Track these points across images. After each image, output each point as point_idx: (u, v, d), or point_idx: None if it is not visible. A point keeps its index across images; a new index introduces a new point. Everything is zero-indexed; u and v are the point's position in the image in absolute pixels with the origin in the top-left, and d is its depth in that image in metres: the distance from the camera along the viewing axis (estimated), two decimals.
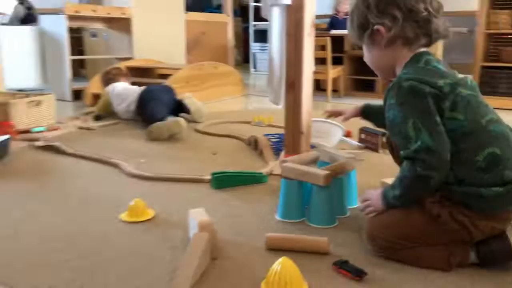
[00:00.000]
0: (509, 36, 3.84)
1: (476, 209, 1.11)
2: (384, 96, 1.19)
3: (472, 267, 1.18)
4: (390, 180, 1.75)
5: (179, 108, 2.98)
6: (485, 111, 1.14)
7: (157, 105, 2.77)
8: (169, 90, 3.08)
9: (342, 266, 1.17)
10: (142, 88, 3.00)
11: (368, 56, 1.28)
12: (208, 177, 1.86)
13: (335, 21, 5.35)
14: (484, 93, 3.83)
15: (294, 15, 1.81)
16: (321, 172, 1.41)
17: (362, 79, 4.62)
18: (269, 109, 3.85)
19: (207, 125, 2.98)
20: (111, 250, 1.30)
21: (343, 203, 1.54)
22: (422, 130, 1.07)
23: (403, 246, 1.18)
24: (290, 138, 1.91)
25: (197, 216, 1.30)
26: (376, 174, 1.92)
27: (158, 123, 2.57)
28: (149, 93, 2.91)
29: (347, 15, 5.94)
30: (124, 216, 1.51)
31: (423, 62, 1.16)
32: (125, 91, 3.06)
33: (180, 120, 2.60)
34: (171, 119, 2.61)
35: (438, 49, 4.54)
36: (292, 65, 1.85)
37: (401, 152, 1.12)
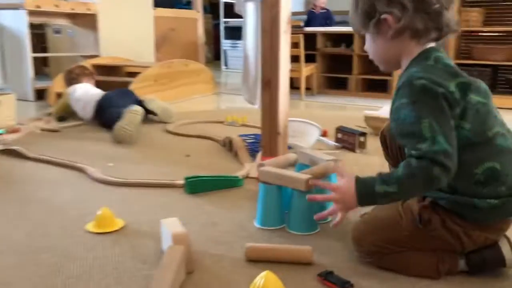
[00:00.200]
0: (480, 34, 3.87)
1: (470, 219, 1.06)
2: (393, 98, 1.11)
3: (461, 274, 1.12)
4: None
5: (144, 110, 2.83)
6: (493, 123, 1.06)
7: (115, 113, 2.63)
8: (128, 94, 2.95)
9: (327, 277, 1.10)
10: (102, 94, 2.86)
11: (371, 46, 1.16)
12: (181, 181, 1.76)
13: (312, 16, 5.28)
14: None
15: (269, 11, 1.73)
16: (302, 176, 1.33)
17: (335, 77, 4.59)
18: (242, 108, 3.76)
19: (178, 125, 2.87)
20: (76, 266, 1.18)
21: (325, 208, 1.46)
22: (438, 131, 0.98)
23: (391, 251, 1.12)
24: (266, 139, 1.83)
25: (170, 227, 1.21)
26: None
27: (118, 123, 2.43)
28: (107, 101, 2.77)
29: (324, 9, 5.88)
30: (90, 226, 1.40)
31: (432, 59, 1.07)
32: (84, 97, 2.90)
33: (133, 107, 2.48)
34: (125, 113, 2.47)
35: None
36: (268, 63, 1.77)
37: (412, 152, 1.00)
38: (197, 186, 1.71)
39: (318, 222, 1.40)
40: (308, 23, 5.16)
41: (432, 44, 1.10)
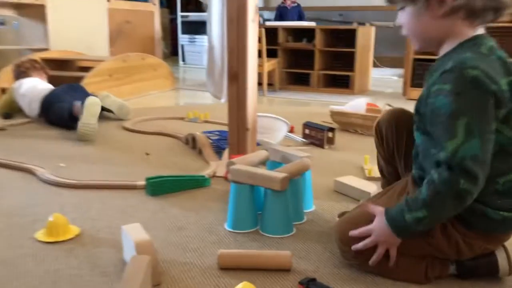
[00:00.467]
0: None
1: (476, 228, 0.98)
2: (430, 78, 0.98)
3: (450, 277, 1.06)
4: (346, 179, 1.64)
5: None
6: None
7: (62, 109, 2.44)
8: (77, 89, 2.76)
9: (310, 285, 1.01)
10: (50, 89, 2.66)
11: (411, 22, 1.00)
12: (142, 182, 1.62)
13: (283, 11, 5.15)
14: (416, 85, 3.85)
15: None
16: (277, 174, 1.23)
17: (296, 73, 4.52)
18: (203, 104, 3.64)
19: (135, 122, 2.71)
20: (23, 283, 1.03)
21: (300, 208, 1.38)
22: (474, 133, 0.86)
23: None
24: (234, 136, 1.72)
25: (133, 234, 1.07)
26: (326, 173, 1.78)
27: (80, 121, 2.25)
28: (54, 97, 2.58)
29: (294, 2, 5.75)
30: (41, 235, 1.25)
31: (487, 48, 0.93)
32: (30, 92, 2.68)
33: (89, 99, 2.31)
34: (84, 107, 2.29)
35: (371, 41, 4.57)
36: (235, 54, 1.66)
37: (440, 155, 0.89)
38: (160, 187, 1.58)
39: (293, 223, 1.31)
40: (279, 18, 5.04)
41: (482, 30, 0.98)
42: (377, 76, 5.04)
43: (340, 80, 4.49)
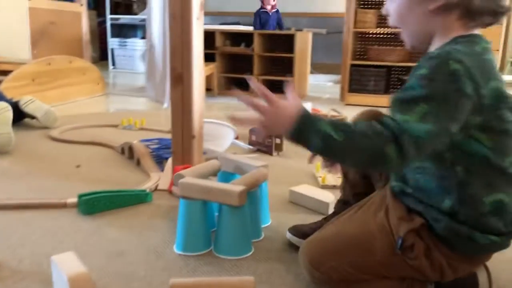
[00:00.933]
0: (375, 35, 3.96)
1: (461, 251, 0.89)
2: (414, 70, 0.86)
3: None
4: (300, 189, 1.52)
5: (17, 112, 2.36)
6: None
7: None
8: None
9: None
10: None
11: (402, 13, 0.91)
12: (74, 199, 1.41)
13: (264, 17, 4.77)
14: (354, 90, 3.85)
15: None
16: (235, 188, 1.09)
17: (235, 77, 4.40)
18: (137, 110, 3.41)
19: (63, 130, 2.45)
20: None
21: (257, 223, 1.24)
22: (428, 121, 0.76)
23: (357, 279, 0.92)
24: (178, 144, 1.56)
25: (64, 266, 0.89)
26: (278, 182, 1.66)
27: None
28: None
29: (274, 8, 5.34)
30: None
31: (481, 47, 0.85)
32: None
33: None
34: None
35: (308, 47, 4.56)
36: (178, 54, 1.50)
37: (385, 119, 0.79)
38: (94, 204, 1.38)
39: (250, 241, 1.17)
40: (260, 24, 4.70)
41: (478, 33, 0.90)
42: (312, 82, 5.04)
43: (279, 85, 4.43)
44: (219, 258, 1.12)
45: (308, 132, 0.81)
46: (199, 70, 1.52)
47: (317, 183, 1.70)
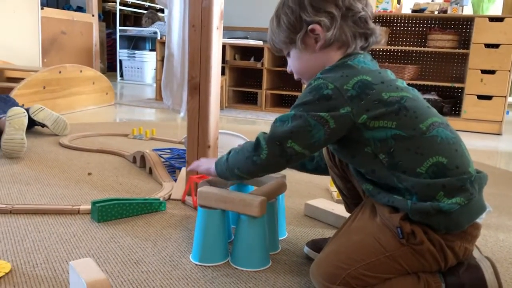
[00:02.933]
0: (386, 53, 3.97)
1: (442, 229, 0.89)
2: None
3: None
4: (316, 202, 1.50)
5: (28, 120, 2.35)
6: (426, 114, 0.93)
7: None
8: (6, 100, 2.46)
9: None
10: None
11: (298, 63, 1.06)
12: (87, 206, 1.40)
13: None
14: None
15: (200, 1, 1.46)
16: (255, 198, 1.07)
17: (244, 91, 4.41)
18: (146, 121, 3.41)
19: (74, 138, 2.44)
20: None
21: (275, 235, 1.22)
22: (290, 119, 0.94)
23: (377, 280, 0.90)
24: (194, 153, 1.54)
25: (83, 271, 0.87)
26: (292, 195, 1.65)
27: (4, 136, 1.97)
28: None
29: None
30: None
31: (346, 59, 0.98)
32: None
33: (12, 110, 2.04)
34: (7, 121, 2.01)
35: None
36: (196, 64, 1.49)
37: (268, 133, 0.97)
38: (108, 212, 1.36)
39: (268, 254, 1.15)
40: None
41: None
42: None
43: (288, 100, 4.44)
44: (236, 270, 1.10)
45: (219, 164, 1.08)
46: (217, 80, 1.52)
47: (331, 197, 1.67)
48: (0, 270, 1.02)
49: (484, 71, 3.53)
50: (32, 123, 2.43)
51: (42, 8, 4.18)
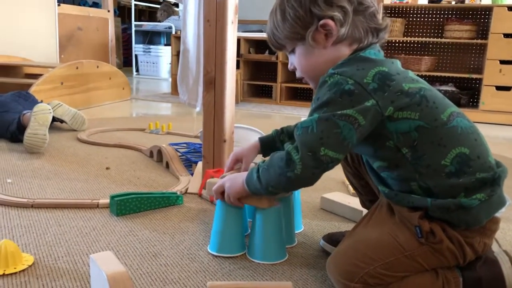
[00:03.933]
0: (402, 44, 3.92)
1: (462, 225, 0.89)
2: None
3: None
4: (333, 196, 1.50)
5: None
6: (444, 104, 0.92)
7: (8, 119, 2.20)
8: (25, 97, 2.51)
9: None
10: None
11: (304, 61, 1.00)
12: (106, 200, 1.42)
13: None
14: None
15: None
16: None
17: (259, 85, 4.42)
18: (161, 115, 3.44)
19: (91, 133, 2.48)
20: None
21: (291, 229, 1.23)
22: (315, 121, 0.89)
23: (395, 279, 0.90)
24: (209, 148, 1.56)
25: (104, 264, 0.88)
26: (308, 189, 1.64)
27: (28, 131, 2.01)
28: None
29: None
30: None
31: (354, 54, 0.95)
32: None
33: (39, 105, 2.08)
34: (32, 115, 2.06)
35: None
36: (212, 59, 1.50)
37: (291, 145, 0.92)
38: (126, 206, 1.38)
39: (285, 247, 1.16)
40: None
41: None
42: None
43: (303, 93, 4.43)
44: (253, 263, 1.11)
45: (251, 182, 1.01)
46: (232, 74, 1.52)
47: (347, 190, 1.67)
48: (23, 262, 1.05)
49: (503, 62, 3.48)
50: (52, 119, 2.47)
51: (58, 5, 4.23)
